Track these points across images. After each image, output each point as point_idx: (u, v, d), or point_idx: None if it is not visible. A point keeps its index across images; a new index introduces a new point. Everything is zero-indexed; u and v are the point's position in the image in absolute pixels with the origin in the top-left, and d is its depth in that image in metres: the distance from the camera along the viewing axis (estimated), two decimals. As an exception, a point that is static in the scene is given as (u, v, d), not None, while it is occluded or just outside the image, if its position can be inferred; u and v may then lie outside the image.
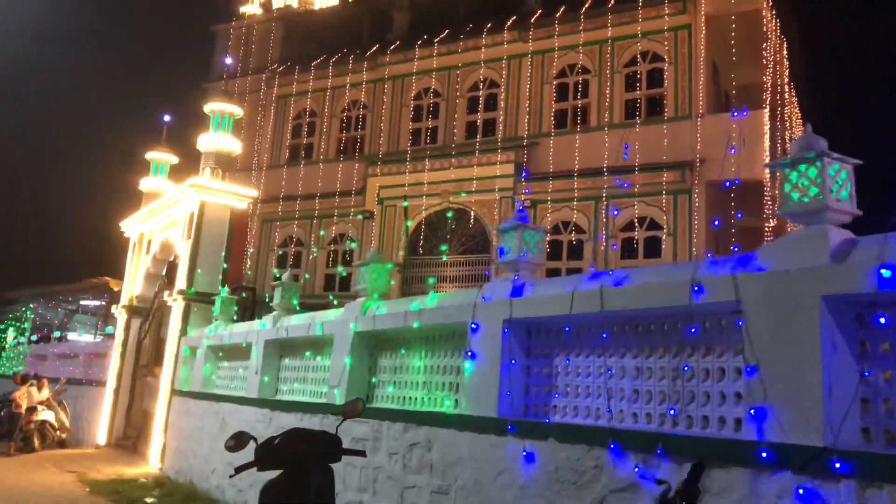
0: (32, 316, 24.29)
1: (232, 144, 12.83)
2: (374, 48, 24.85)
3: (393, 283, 23.66)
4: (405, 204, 19.15)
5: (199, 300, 11.56)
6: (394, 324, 6.17)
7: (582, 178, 20.01)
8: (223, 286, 11.24)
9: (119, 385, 14.34)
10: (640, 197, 19.29)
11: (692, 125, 19.22)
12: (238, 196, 12.27)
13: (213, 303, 11.00)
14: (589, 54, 21.10)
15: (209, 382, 10.45)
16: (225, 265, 11.14)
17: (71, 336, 22.99)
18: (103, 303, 21.30)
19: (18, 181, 55.73)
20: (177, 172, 16.60)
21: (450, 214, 21.36)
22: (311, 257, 24.57)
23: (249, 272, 24.30)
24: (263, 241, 26.49)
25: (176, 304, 11.86)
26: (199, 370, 10.62)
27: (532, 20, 21.72)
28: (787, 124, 23.27)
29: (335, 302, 8.10)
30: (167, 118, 15.89)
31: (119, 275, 16.48)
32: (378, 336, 6.65)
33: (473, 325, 5.14)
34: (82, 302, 23.05)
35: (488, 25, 22.41)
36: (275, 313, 8.74)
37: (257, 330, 8.80)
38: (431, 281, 21.44)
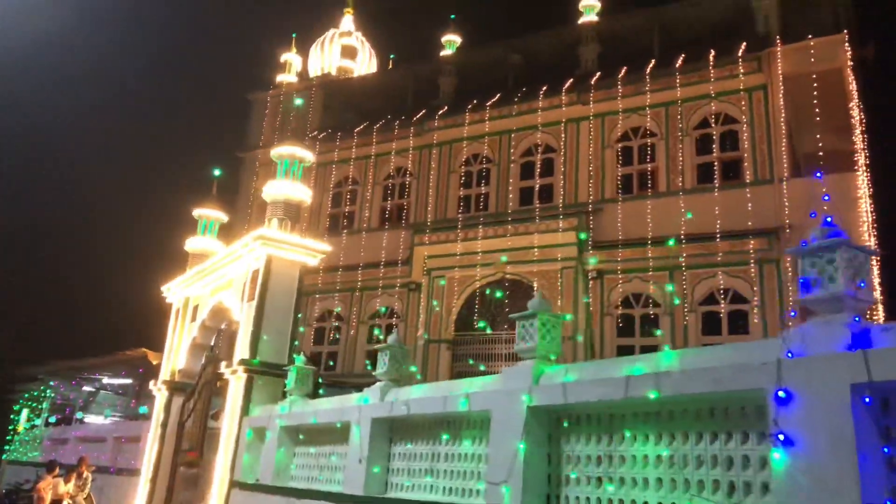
0: (53, 395, 22.26)
1: (302, 193, 11.38)
2: (421, 114, 23.84)
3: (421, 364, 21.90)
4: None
5: (264, 372, 9.82)
6: (601, 395, 4.43)
7: (655, 246, 18.43)
8: (298, 355, 9.49)
9: (156, 474, 12.39)
10: (723, 266, 17.68)
11: (775, 190, 17.83)
12: (309, 251, 10.71)
13: (283, 375, 9.27)
14: (655, 117, 19.95)
15: (284, 473, 8.58)
16: (302, 328, 9.46)
17: (89, 419, 20.85)
18: (131, 381, 19.37)
19: (45, 246, 53.71)
20: (221, 235, 15.18)
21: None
22: (351, 332, 22.80)
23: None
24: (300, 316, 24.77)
25: (234, 378, 10.10)
26: (269, 457, 8.76)
27: (593, 81, 20.69)
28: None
29: (481, 367, 6.16)
30: (217, 172, 14.55)
31: (157, 347, 14.78)
32: (565, 412, 4.89)
33: (782, 394, 3.41)
34: (107, 380, 21.01)
35: (544, 88, 21.40)
36: (380, 384, 7.00)
37: (359, 406, 7.03)
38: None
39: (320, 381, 8.57)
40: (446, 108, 23.50)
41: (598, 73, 21.11)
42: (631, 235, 18.90)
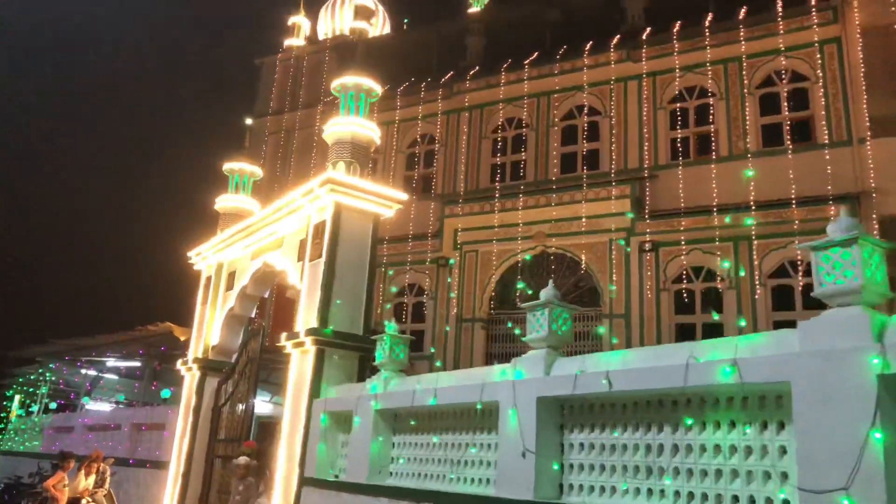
0: (53, 379, 20.11)
1: (370, 131, 9.54)
2: (448, 76, 21.99)
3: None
4: None
5: (340, 344, 8.03)
6: None
7: (720, 214, 16.83)
8: (389, 322, 7.66)
9: (189, 468, 10.57)
10: (798, 236, 16.04)
11: (854, 152, 16.29)
12: (385, 199, 8.91)
13: (364, 348, 7.50)
14: (713, 75, 18.28)
15: (382, 468, 6.79)
16: (395, 289, 7.65)
17: (93, 406, 18.75)
18: (140, 363, 17.25)
19: (48, 215, 48.91)
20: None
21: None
22: (377, 311, 20.95)
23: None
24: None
25: (299, 352, 8.31)
26: (360, 449, 6.96)
27: (644, 37, 18.96)
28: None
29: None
30: (249, 121, 12.62)
31: (181, 321, 12.91)
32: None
33: None
34: (112, 363, 18.82)
35: (589, 45, 19.63)
36: (540, 353, 5.26)
37: (511, 382, 5.28)
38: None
39: (432, 350, 6.81)
40: (477, 68, 21.68)
41: (648, 29, 19.39)
42: (689, 204, 17.31)
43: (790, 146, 16.76)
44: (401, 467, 6.68)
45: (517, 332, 18.60)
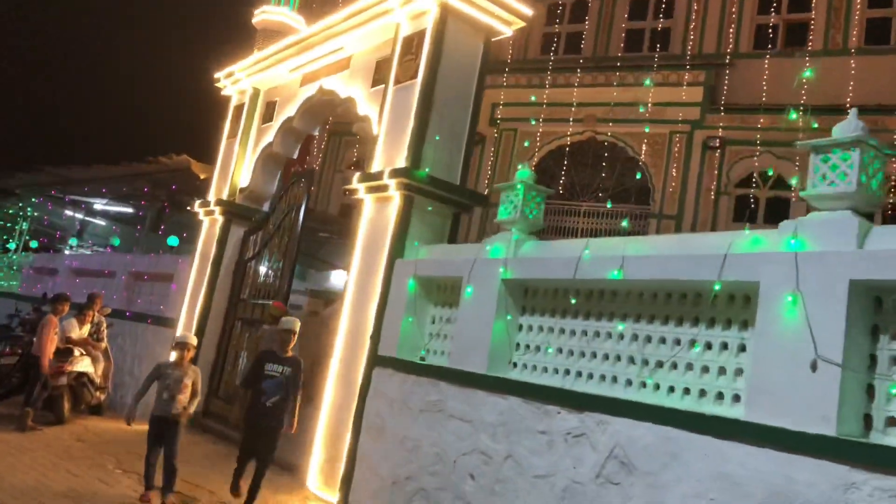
0: (35, 214, 17.77)
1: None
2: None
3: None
4: None
5: (433, 193, 6.08)
6: None
7: (806, 114, 14.83)
8: (523, 167, 5.59)
9: (202, 328, 8.80)
10: None
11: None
12: (504, 9, 6.69)
13: (463, 203, 5.54)
14: (815, -45, 15.89)
15: (503, 357, 4.92)
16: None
17: (69, 252, 16.64)
18: (133, 210, 14.99)
19: (50, 23, 40.41)
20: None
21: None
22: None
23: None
24: (329, 161, 21.04)
25: (373, 198, 6.35)
26: (475, 328, 5.05)
27: None
28: None
29: None
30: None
31: (202, 158, 10.78)
32: None
33: None
34: (100, 205, 16.23)
35: None
36: (841, 215, 3.36)
37: (793, 253, 3.36)
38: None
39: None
40: (540, -81, 18.86)
41: None
42: (770, 100, 15.27)
43: (899, 45, 14.67)
44: (537, 359, 4.80)
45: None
